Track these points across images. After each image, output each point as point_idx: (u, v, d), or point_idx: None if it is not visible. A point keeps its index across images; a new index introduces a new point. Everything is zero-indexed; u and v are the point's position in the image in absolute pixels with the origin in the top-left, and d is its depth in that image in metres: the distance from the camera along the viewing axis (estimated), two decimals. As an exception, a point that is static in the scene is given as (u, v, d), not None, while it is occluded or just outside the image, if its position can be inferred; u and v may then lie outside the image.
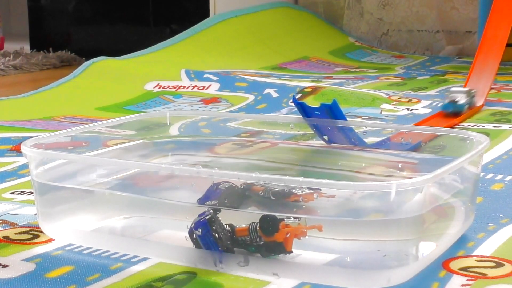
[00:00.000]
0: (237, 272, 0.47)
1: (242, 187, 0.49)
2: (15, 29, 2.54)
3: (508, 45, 1.46)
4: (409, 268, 0.46)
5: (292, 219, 0.46)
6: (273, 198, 0.47)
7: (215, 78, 1.25)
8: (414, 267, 0.46)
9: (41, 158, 0.52)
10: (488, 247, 0.52)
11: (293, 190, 0.47)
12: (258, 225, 0.46)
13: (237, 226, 0.47)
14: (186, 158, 0.68)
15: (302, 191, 0.46)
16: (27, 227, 0.57)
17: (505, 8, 1.17)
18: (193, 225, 0.47)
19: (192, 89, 1.21)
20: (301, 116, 0.64)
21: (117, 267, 0.49)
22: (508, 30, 1.15)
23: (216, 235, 0.47)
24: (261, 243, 0.46)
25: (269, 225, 0.46)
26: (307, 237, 0.46)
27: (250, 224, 0.46)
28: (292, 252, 0.46)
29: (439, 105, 1.04)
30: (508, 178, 0.70)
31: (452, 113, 0.99)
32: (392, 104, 1.10)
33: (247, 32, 1.66)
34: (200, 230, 0.47)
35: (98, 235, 0.53)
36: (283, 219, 0.46)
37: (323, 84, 1.23)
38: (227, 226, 0.47)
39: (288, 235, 0.45)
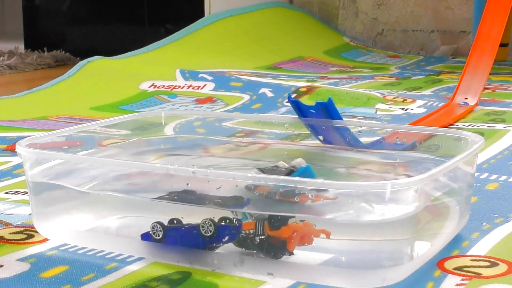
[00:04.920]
0: (232, 272, 0.47)
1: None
2: (9, 29, 2.53)
3: (501, 44, 1.47)
4: (403, 267, 0.46)
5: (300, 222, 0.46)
6: (277, 198, 0.47)
7: (210, 77, 1.25)
8: (409, 267, 0.46)
9: (35, 158, 0.52)
10: (482, 247, 0.52)
11: (298, 191, 0.46)
12: (266, 220, 0.46)
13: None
14: (181, 158, 0.68)
15: (296, 197, 0.46)
16: (21, 227, 0.57)
17: (499, 8, 1.17)
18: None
19: (187, 88, 1.21)
20: (296, 116, 0.64)
21: (112, 267, 0.49)
22: (501, 29, 1.15)
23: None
24: (263, 237, 0.46)
25: (277, 219, 0.45)
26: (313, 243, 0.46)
27: (258, 220, 0.46)
28: (293, 253, 0.46)
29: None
30: (503, 177, 0.70)
31: None
32: (387, 104, 1.10)
33: (242, 32, 1.66)
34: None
35: (93, 235, 0.53)
36: (293, 217, 0.46)
37: (318, 84, 1.23)
38: (235, 220, 0.47)
39: (294, 234, 0.45)
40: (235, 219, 0.47)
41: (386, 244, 0.45)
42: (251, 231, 0.46)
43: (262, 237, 0.46)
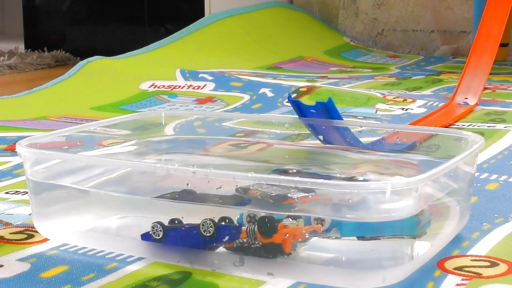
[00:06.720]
0: (232, 272, 0.47)
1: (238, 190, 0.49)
2: (9, 29, 2.53)
3: (501, 44, 1.46)
4: (404, 267, 0.46)
5: (291, 220, 0.46)
6: (271, 201, 0.47)
7: (210, 77, 1.25)
8: (409, 267, 0.46)
9: (35, 158, 0.52)
10: (483, 247, 0.52)
11: (289, 195, 0.46)
12: (256, 227, 0.46)
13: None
14: (181, 157, 0.68)
15: (297, 197, 0.46)
16: (21, 227, 0.57)
17: (499, 8, 1.17)
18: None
19: (187, 88, 1.21)
20: (296, 116, 0.64)
21: (112, 267, 0.49)
22: (501, 29, 1.15)
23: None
24: (258, 245, 0.46)
25: (267, 226, 0.45)
26: (306, 236, 0.46)
27: (248, 226, 0.46)
28: (290, 254, 0.46)
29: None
30: (503, 177, 0.70)
31: None
32: (387, 104, 1.10)
33: (242, 32, 1.66)
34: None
35: (93, 235, 0.53)
36: (281, 220, 0.46)
37: (318, 84, 1.23)
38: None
39: (286, 236, 0.45)
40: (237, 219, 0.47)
41: (386, 244, 0.45)
42: (245, 240, 0.46)
43: (257, 245, 0.46)
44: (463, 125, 0.96)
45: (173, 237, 0.48)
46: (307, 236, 0.46)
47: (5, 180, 0.71)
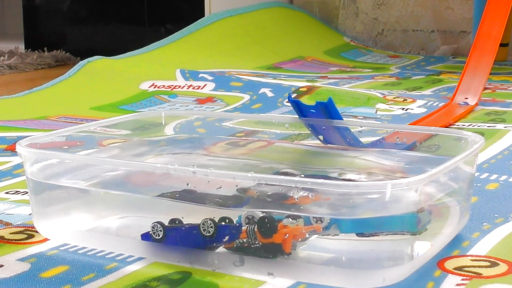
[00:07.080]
0: (232, 272, 0.47)
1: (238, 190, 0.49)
2: (9, 29, 2.53)
3: (501, 44, 1.47)
4: (404, 267, 0.46)
5: (290, 220, 0.46)
6: (269, 200, 0.47)
7: (210, 77, 1.25)
8: (409, 267, 0.46)
9: (36, 158, 0.52)
10: (483, 247, 0.52)
11: (288, 193, 0.46)
12: (255, 227, 0.46)
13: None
14: (181, 157, 0.68)
15: (297, 196, 0.46)
16: (22, 226, 0.57)
17: (499, 8, 1.17)
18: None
19: (187, 88, 1.21)
20: (296, 116, 0.64)
21: (112, 266, 0.49)
22: (501, 29, 1.15)
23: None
24: (258, 245, 0.46)
25: (267, 226, 0.45)
26: (306, 235, 0.46)
27: (247, 226, 0.46)
28: (290, 253, 0.46)
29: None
30: (503, 177, 0.70)
31: None
32: (387, 104, 1.10)
33: (242, 32, 1.66)
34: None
35: (93, 235, 0.53)
36: (281, 220, 0.46)
37: (318, 84, 1.23)
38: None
39: (286, 236, 0.45)
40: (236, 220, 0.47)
41: (386, 244, 0.45)
42: (245, 240, 0.46)
43: (257, 245, 0.46)
44: (463, 125, 0.96)
45: (173, 237, 0.48)
46: (307, 235, 0.46)
47: (5, 180, 0.71)
